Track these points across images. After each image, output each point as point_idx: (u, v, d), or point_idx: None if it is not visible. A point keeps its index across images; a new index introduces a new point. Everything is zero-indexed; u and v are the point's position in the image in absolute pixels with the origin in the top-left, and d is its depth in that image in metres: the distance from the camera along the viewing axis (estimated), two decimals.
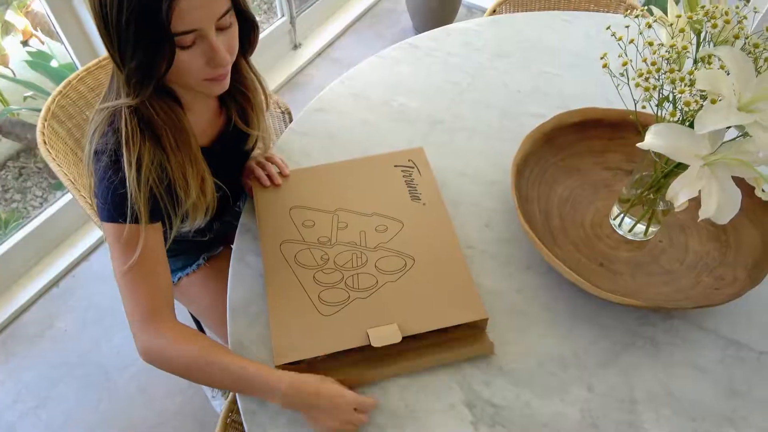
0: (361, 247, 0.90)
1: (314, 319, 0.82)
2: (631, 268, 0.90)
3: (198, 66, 0.72)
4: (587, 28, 1.35)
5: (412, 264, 0.88)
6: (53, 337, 1.66)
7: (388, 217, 0.94)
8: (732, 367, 0.82)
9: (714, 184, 0.69)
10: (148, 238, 0.79)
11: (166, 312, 0.81)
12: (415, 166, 1.01)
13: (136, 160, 0.74)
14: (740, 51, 0.66)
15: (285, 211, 0.96)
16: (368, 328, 0.81)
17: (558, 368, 0.82)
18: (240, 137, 0.96)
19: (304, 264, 0.89)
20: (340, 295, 0.85)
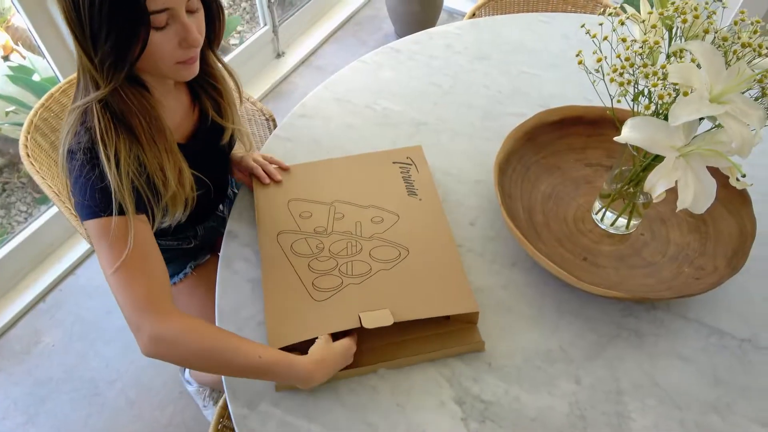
0: (357, 236, 0.92)
1: (307, 304, 0.84)
2: (614, 261, 0.92)
3: (170, 48, 0.72)
4: (565, 28, 1.37)
5: (406, 255, 0.89)
6: (41, 353, 1.64)
7: (384, 209, 0.96)
8: (715, 356, 0.84)
9: (690, 175, 0.70)
10: (138, 230, 0.77)
11: (167, 302, 0.77)
12: (413, 164, 1.03)
13: (113, 154, 0.73)
14: (710, 45, 0.68)
15: (283, 203, 0.98)
16: (360, 312, 0.82)
17: (545, 362, 0.83)
18: (216, 132, 0.95)
19: (299, 253, 0.90)
20: (334, 281, 0.87)
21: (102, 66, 0.71)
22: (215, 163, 1.00)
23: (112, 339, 1.66)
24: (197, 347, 0.74)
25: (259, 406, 0.79)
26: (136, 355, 1.63)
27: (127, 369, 1.60)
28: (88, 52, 0.70)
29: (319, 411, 0.79)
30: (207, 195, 0.98)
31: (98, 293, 1.76)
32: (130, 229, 0.75)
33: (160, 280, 0.78)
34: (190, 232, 1.10)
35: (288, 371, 0.76)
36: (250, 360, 0.74)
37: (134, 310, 0.74)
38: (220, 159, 1.02)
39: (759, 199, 0.94)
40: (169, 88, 0.86)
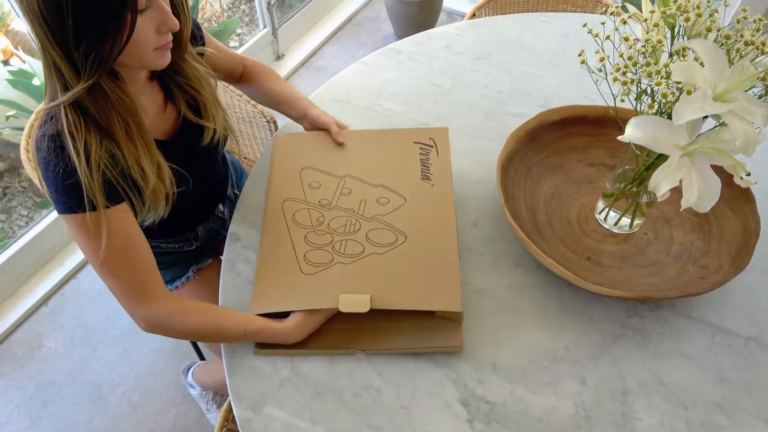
0: (358, 215, 0.92)
1: (294, 277, 0.86)
2: (618, 261, 0.92)
3: (150, 33, 0.72)
4: (565, 28, 1.37)
5: (402, 241, 0.88)
6: (43, 357, 1.64)
7: (393, 191, 0.94)
8: (720, 354, 0.84)
9: (694, 174, 0.70)
10: (116, 221, 0.77)
11: (155, 287, 0.82)
12: (434, 146, 1.00)
13: (83, 147, 0.73)
14: (713, 43, 0.68)
15: (296, 170, 0.99)
16: (342, 293, 0.82)
17: (550, 363, 0.83)
18: (199, 131, 0.94)
19: (299, 223, 0.92)
20: (325, 257, 0.87)
21: (84, 60, 0.69)
22: (203, 162, 0.99)
23: (114, 343, 1.66)
24: (187, 329, 0.83)
25: (264, 409, 0.79)
26: (139, 359, 1.63)
27: (130, 373, 1.60)
28: (66, 46, 0.68)
29: (324, 414, 0.79)
30: (201, 194, 0.98)
31: (100, 297, 1.76)
32: (103, 224, 0.76)
33: (146, 267, 0.81)
34: (191, 234, 1.09)
35: (272, 337, 0.83)
36: (236, 334, 0.83)
37: (125, 299, 0.80)
38: (209, 157, 1.00)
39: (763, 197, 0.94)
40: (142, 84, 0.84)
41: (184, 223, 1.07)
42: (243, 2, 2.58)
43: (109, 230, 0.76)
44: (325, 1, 2.64)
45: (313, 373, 0.83)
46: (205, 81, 0.91)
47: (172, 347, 1.65)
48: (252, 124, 1.39)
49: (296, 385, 0.82)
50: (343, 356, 0.84)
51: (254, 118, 1.36)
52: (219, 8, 2.50)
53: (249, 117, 1.37)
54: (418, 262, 0.86)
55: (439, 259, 0.86)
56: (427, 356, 0.84)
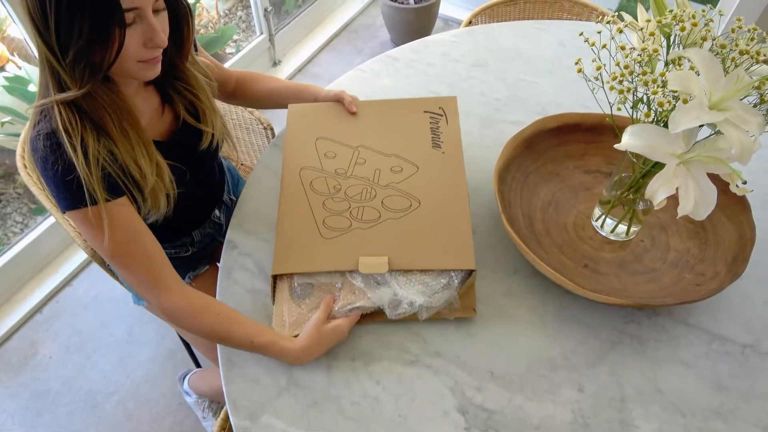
0: (373, 183, 0.95)
1: (315, 240, 0.89)
2: (615, 268, 0.92)
3: (135, 46, 0.72)
4: (561, 36, 1.38)
5: (417, 206, 0.92)
6: (38, 365, 1.63)
7: (406, 159, 0.98)
8: (717, 362, 0.84)
9: (690, 182, 0.70)
10: (118, 214, 0.78)
11: (170, 279, 0.82)
12: (444, 115, 1.03)
13: (80, 143, 0.73)
14: (708, 52, 0.69)
15: (311, 139, 1.01)
16: (360, 256, 0.86)
17: (548, 370, 0.83)
18: (197, 135, 0.94)
19: (317, 190, 0.95)
20: (343, 223, 0.90)
21: (72, 69, 0.70)
22: (200, 165, 0.99)
23: (110, 351, 1.65)
24: (194, 328, 0.83)
25: (261, 418, 0.79)
26: (134, 366, 1.62)
27: (125, 381, 1.59)
28: (54, 52, 0.69)
29: (322, 423, 0.78)
30: (197, 197, 0.98)
31: (95, 304, 1.75)
32: (104, 217, 0.76)
33: (154, 259, 0.82)
34: (186, 239, 1.09)
35: (279, 355, 0.82)
36: (242, 342, 0.82)
37: (140, 290, 0.82)
38: (206, 161, 1.01)
39: (758, 205, 0.95)
40: (136, 89, 0.85)
41: (181, 227, 1.07)
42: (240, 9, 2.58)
43: (112, 223, 0.77)
44: (321, 8, 2.65)
45: (311, 382, 0.82)
46: (205, 87, 0.91)
47: (168, 355, 1.64)
48: (249, 131, 1.39)
49: (294, 394, 0.81)
50: (341, 366, 0.84)
51: (251, 125, 1.36)
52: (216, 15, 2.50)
53: (246, 124, 1.37)
54: (432, 225, 0.89)
55: (452, 221, 0.89)
56: (424, 364, 0.84)
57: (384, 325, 0.88)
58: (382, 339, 0.86)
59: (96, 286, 1.79)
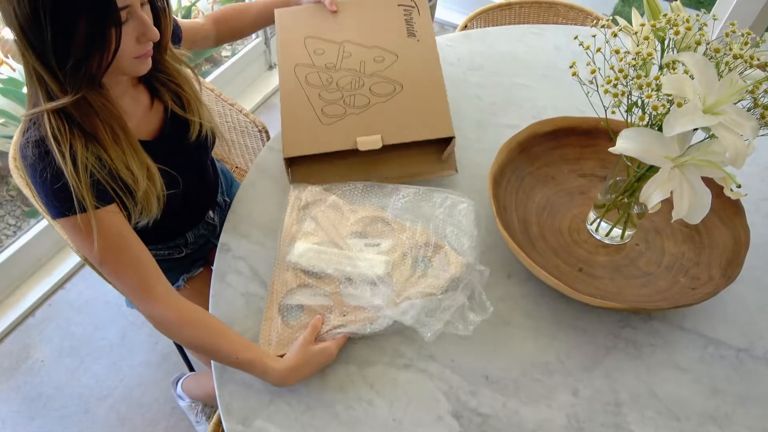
0: (360, 73, 1.06)
1: (317, 125, 1.01)
2: (610, 272, 0.92)
3: (130, 43, 0.73)
4: (557, 40, 1.38)
5: (400, 90, 1.04)
6: (29, 369, 1.62)
7: (386, 49, 1.09)
8: (712, 366, 0.84)
9: (685, 185, 0.70)
10: (107, 222, 0.78)
11: (160, 287, 0.82)
12: (415, 6, 1.14)
13: (68, 150, 0.73)
14: (702, 56, 0.69)
15: (300, 38, 1.11)
16: (357, 137, 0.98)
17: (542, 374, 0.83)
18: (186, 129, 0.94)
19: (312, 83, 1.05)
20: (338, 110, 1.02)
21: (72, 76, 0.69)
22: (192, 160, 0.99)
23: (103, 354, 1.64)
24: (181, 339, 0.85)
25: (254, 423, 0.78)
26: (127, 371, 1.61)
27: (118, 385, 1.58)
28: (49, 63, 0.68)
29: (315, 428, 0.78)
30: (191, 197, 0.97)
31: (88, 308, 1.74)
32: (93, 225, 0.76)
33: (146, 265, 0.82)
34: (180, 240, 1.09)
35: (262, 374, 0.80)
36: (228, 357, 0.80)
37: (131, 297, 0.82)
38: (198, 155, 1.00)
39: (752, 209, 0.95)
40: (124, 87, 0.85)
41: (174, 228, 1.06)
42: None
43: (102, 231, 0.77)
44: None
45: (305, 387, 0.82)
46: (188, 78, 0.91)
47: (161, 359, 1.63)
48: (243, 133, 1.39)
49: (287, 399, 0.81)
50: (335, 370, 0.83)
51: (246, 128, 1.36)
52: None
53: (241, 126, 1.37)
54: (414, 104, 1.02)
55: (431, 99, 1.02)
56: (418, 368, 0.83)
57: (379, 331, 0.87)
58: (376, 343, 0.86)
59: (89, 290, 1.78)
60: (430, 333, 0.82)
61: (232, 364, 0.81)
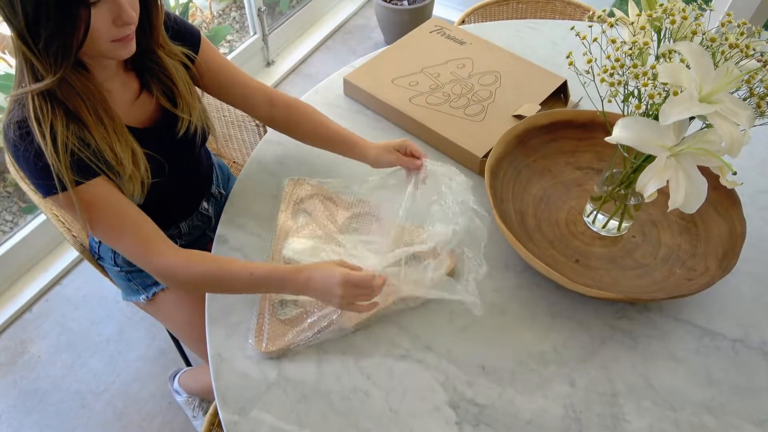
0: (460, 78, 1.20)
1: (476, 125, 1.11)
2: (607, 263, 0.92)
3: (105, 25, 0.72)
4: (553, 35, 1.39)
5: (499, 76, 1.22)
6: (26, 364, 1.61)
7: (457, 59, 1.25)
8: (708, 357, 0.84)
9: (681, 174, 0.71)
10: (96, 194, 0.79)
11: (158, 243, 0.83)
12: (442, 27, 1.32)
13: (49, 130, 0.74)
14: (699, 46, 0.69)
15: (388, 83, 1.19)
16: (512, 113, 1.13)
17: (539, 365, 0.83)
18: (174, 122, 0.93)
19: (435, 103, 1.15)
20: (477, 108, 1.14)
21: (46, 55, 0.70)
22: (181, 152, 0.98)
23: (100, 350, 1.64)
24: (191, 278, 0.82)
25: (251, 413, 0.78)
26: (124, 366, 1.60)
27: (115, 380, 1.58)
28: (26, 40, 0.69)
29: (311, 417, 0.78)
30: (182, 187, 0.98)
31: (85, 303, 1.74)
32: (75, 203, 0.77)
33: (142, 226, 0.83)
34: (174, 230, 1.08)
35: (279, 284, 0.82)
36: (241, 280, 0.81)
37: (133, 258, 0.83)
38: (186, 149, 0.99)
39: (747, 201, 0.95)
40: (112, 72, 0.84)
41: (167, 218, 1.06)
42: (234, 9, 2.58)
43: (91, 204, 0.79)
44: (315, 9, 2.65)
45: (301, 377, 0.82)
46: (182, 75, 0.91)
47: (158, 354, 1.63)
48: (241, 128, 1.39)
49: (283, 388, 0.81)
50: (331, 360, 0.83)
51: (243, 122, 1.36)
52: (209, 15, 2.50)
53: (238, 121, 1.37)
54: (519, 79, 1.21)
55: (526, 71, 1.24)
56: (415, 359, 0.83)
57: (375, 322, 0.87)
58: (372, 334, 0.86)
59: (86, 285, 1.78)
60: None
61: (247, 284, 0.82)
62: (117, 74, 0.85)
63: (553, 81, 1.18)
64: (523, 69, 1.22)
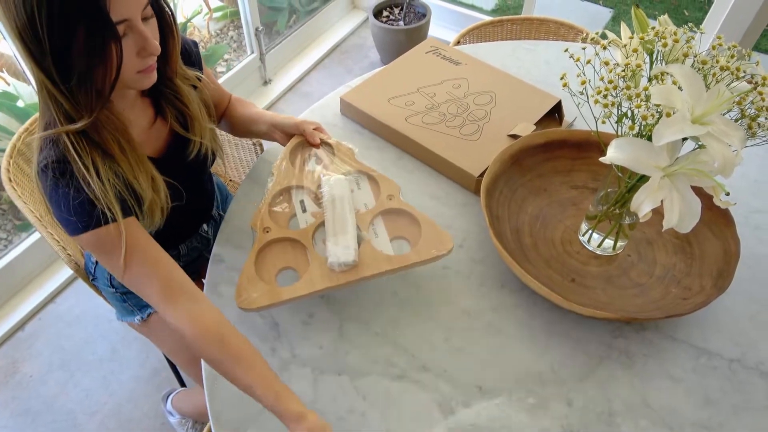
0: (456, 98, 1.20)
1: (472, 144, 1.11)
2: (603, 282, 0.92)
3: (131, 58, 0.72)
4: (547, 55, 1.40)
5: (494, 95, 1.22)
6: (18, 384, 1.59)
7: (453, 78, 1.26)
8: (705, 376, 0.84)
9: (675, 195, 0.71)
10: (132, 232, 0.77)
11: (181, 293, 0.78)
12: (438, 48, 1.34)
13: (92, 163, 0.73)
14: (690, 68, 0.70)
15: (384, 102, 1.20)
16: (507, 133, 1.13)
17: (536, 385, 0.82)
18: (186, 145, 0.94)
19: (431, 123, 1.15)
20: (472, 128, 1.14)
21: (77, 95, 0.69)
22: (192, 176, 0.99)
23: (93, 369, 1.62)
24: (203, 356, 0.78)
25: None
26: (117, 386, 1.59)
27: (108, 400, 1.56)
28: (54, 80, 0.68)
29: None
30: (187, 210, 0.98)
31: (78, 322, 1.72)
32: (122, 232, 0.75)
33: (169, 272, 0.79)
34: (173, 252, 1.08)
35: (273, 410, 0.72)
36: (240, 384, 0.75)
37: (156, 305, 0.78)
38: (197, 172, 1.00)
39: (742, 220, 0.96)
40: (131, 101, 0.85)
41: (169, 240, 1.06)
42: (231, 29, 2.61)
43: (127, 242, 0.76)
44: (312, 29, 2.68)
45: None
46: (194, 99, 0.91)
47: (152, 374, 1.61)
48: (238, 146, 1.39)
49: None
50: (327, 380, 0.83)
51: (239, 141, 1.37)
52: (207, 34, 2.52)
53: (235, 139, 1.37)
54: (514, 97, 1.22)
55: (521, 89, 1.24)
56: (411, 379, 0.83)
57: (371, 339, 0.87)
58: (368, 353, 0.86)
59: (80, 304, 1.77)
60: None
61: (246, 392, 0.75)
62: (135, 103, 0.86)
63: (547, 101, 1.19)
64: (518, 89, 1.23)
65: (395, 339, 0.87)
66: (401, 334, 0.87)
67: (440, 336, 0.87)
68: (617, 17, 3.14)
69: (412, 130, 1.14)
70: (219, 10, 2.53)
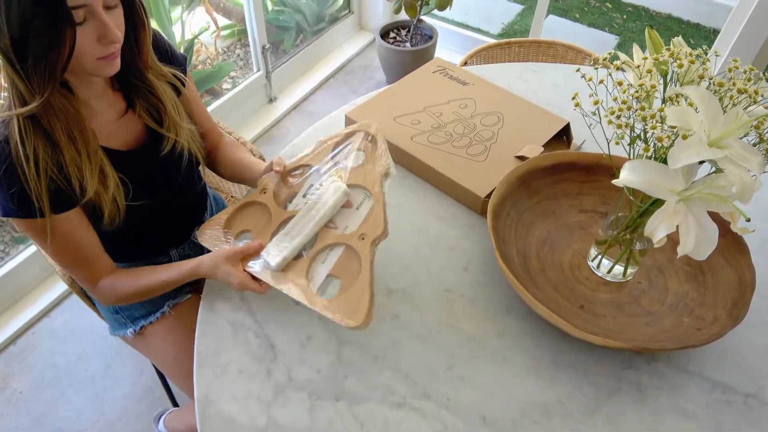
0: (463, 118, 1.19)
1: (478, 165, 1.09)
2: (612, 309, 0.89)
3: (90, 44, 0.72)
4: (555, 77, 1.39)
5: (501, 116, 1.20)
6: (7, 400, 1.55)
7: (461, 98, 1.24)
8: (719, 411, 0.80)
9: (691, 220, 0.68)
10: (62, 227, 0.81)
11: (102, 268, 0.90)
12: (445, 67, 1.32)
13: (32, 153, 0.74)
14: (706, 90, 0.68)
15: (390, 121, 1.18)
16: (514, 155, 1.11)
17: (542, 416, 0.79)
18: (160, 142, 0.92)
19: (437, 142, 1.14)
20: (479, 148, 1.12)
21: (33, 74, 0.70)
22: (167, 174, 0.96)
23: (85, 386, 1.58)
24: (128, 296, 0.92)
25: None
26: (109, 404, 1.54)
27: (99, 419, 1.51)
28: (11, 60, 0.69)
29: None
30: (173, 211, 0.96)
31: (72, 337, 1.69)
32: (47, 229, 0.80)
33: (92, 258, 0.89)
34: (163, 258, 1.06)
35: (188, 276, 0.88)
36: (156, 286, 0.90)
37: (82, 283, 0.92)
38: (174, 171, 0.97)
39: (756, 248, 0.93)
40: (99, 91, 0.84)
41: (155, 242, 1.04)
42: (238, 47, 2.61)
43: (55, 234, 0.81)
44: (319, 48, 2.69)
45: (291, 423, 0.77)
46: (170, 96, 0.91)
47: (145, 392, 1.57)
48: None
49: None
50: (324, 406, 0.79)
51: None
52: (214, 51, 2.53)
53: None
54: (522, 118, 1.20)
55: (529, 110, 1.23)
56: (412, 407, 0.79)
57: (370, 364, 0.83)
58: (368, 379, 0.82)
59: (75, 319, 1.73)
60: None
61: (167, 284, 0.90)
62: (105, 93, 0.85)
63: (555, 123, 1.18)
64: (526, 110, 1.21)
65: (396, 364, 0.84)
66: (402, 359, 0.84)
67: (443, 362, 0.84)
68: (623, 44, 3.15)
69: (418, 149, 1.11)
70: (227, 29, 2.54)
